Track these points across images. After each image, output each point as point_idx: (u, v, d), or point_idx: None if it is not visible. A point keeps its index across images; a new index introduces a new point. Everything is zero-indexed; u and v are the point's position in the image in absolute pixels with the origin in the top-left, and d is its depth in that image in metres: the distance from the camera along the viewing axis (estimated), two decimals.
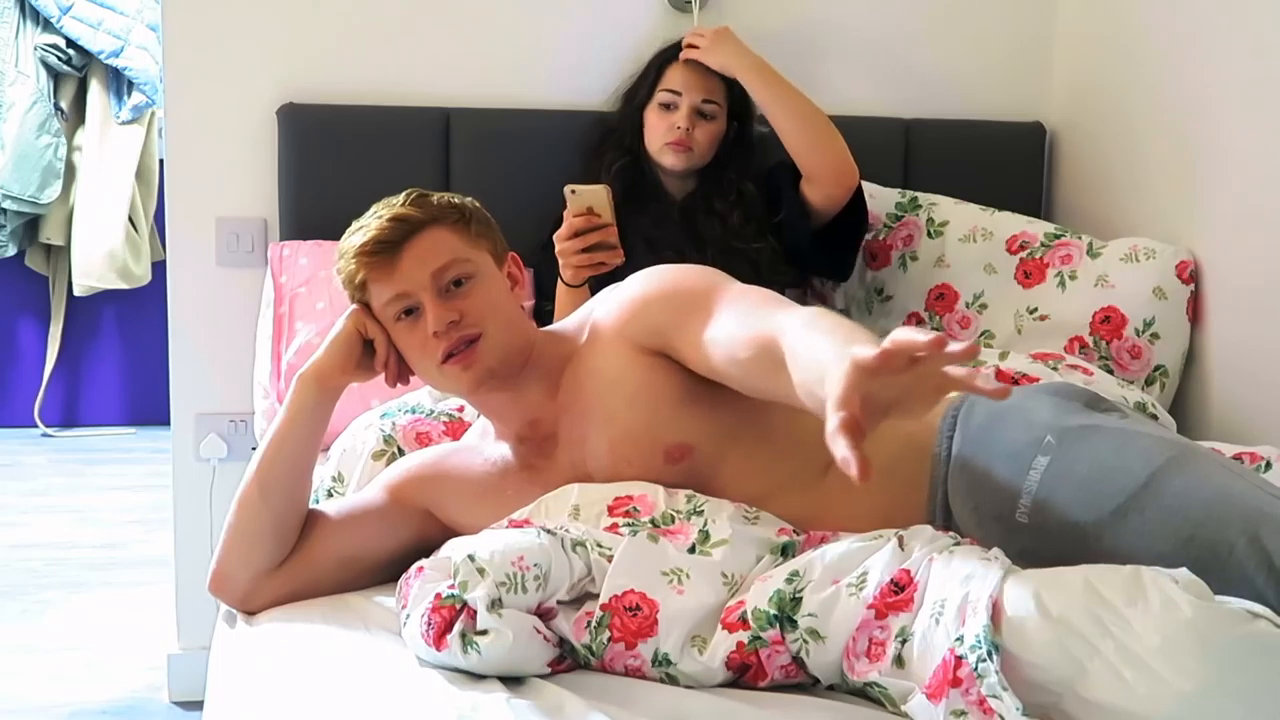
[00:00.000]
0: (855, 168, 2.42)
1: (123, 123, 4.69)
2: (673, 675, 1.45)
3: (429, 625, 1.44)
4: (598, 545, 1.52)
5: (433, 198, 1.72)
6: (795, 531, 1.60)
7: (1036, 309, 2.53)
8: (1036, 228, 2.63)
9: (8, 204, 4.57)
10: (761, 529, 1.58)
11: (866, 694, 1.41)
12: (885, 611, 1.39)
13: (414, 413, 2.04)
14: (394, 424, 2.02)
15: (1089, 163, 2.84)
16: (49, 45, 4.58)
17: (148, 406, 4.87)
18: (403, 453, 1.97)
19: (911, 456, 1.65)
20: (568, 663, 1.49)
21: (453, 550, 1.52)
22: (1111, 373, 2.42)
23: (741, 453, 1.67)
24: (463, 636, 1.42)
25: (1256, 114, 2.35)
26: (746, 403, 1.64)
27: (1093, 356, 2.44)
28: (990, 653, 1.26)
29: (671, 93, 2.47)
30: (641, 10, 2.75)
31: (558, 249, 2.11)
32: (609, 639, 1.46)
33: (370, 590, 1.71)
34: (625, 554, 1.51)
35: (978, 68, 2.91)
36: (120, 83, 4.67)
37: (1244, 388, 2.39)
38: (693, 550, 1.53)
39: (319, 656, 1.54)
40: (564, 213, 2.12)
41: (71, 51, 4.60)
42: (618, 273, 2.11)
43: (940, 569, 1.39)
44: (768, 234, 2.48)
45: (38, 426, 4.92)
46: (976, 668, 1.26)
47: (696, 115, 2.45)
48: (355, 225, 1.71)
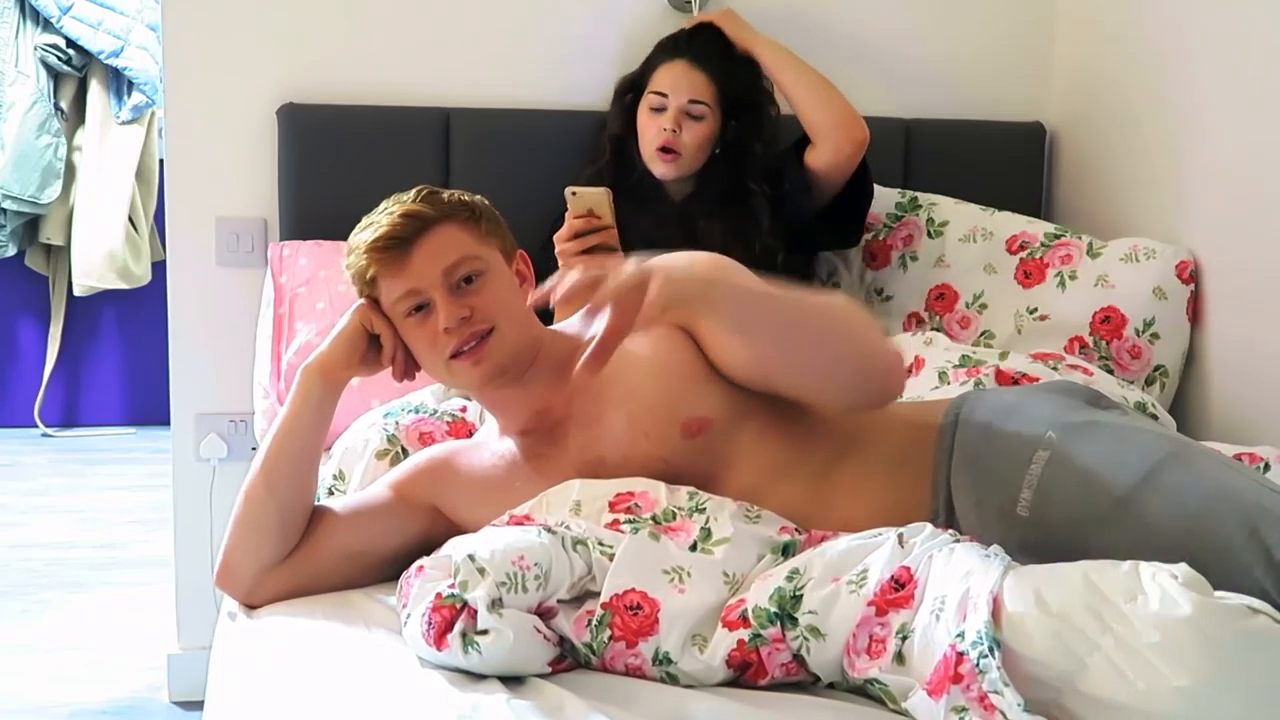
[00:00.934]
0: (864, 122, 2.47)
1: (123, 123, 4.69)
2: (673, 674, 1.45)
3: (429, 625, 1.44)
4: (599, 544, 1.52)
5: (443, 195, 1.72)
6: (796, 530, 1.60)
7: (1036, 309, 2.53)
8: (1036, 228, 2.63)
9: (8, 204, 4.57)
10: (763, 527, 1.58)
11: (867, 691, 1.41)
12: (886, 608, 1.39)
13: (417, 412, 2.04)
14: (397, 423, 2.02)
15: (1089, 162, 2.84)
16: (49, 45, 4.58)
17: (148, 406, 4.87)
18: (406, 452, 1.96)
19: (916, 450, 1.66)
20: (568, 662, 1.49)
21: (453, 549, 1.51)
22: (1111, 373, 2.42)
23: (754, 430, 1.69)
24: (463, 636, 1.42)
25: (1257, 114, 2.35)
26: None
27: (1093, 357, 2.44)
28: (991, 649, 1.26)
29: (659, 94, 2.47)
30: (641, 10, 2.76)
31: (558, 250, 2.11)
32: (610, 638, 1.46)
33: (372, 588, 1.71)
34: (626, 552, 1.51)
35: (978, 68, 2.91)
36: (120, 83, 4.67)
37: (1244, 388, 2.39)
38: (694, 548, 1.53)
39: (319, 656, 1.54)
40: (565, 214, 2.13)
41: (71, 51, 4.60)
42: None
43: (940, 566, 1.39)
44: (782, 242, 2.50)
45: (38, 426, 4.92)
46: (978, 664, 1.26)
47: (684, 116, 2.44)
48: (366, 220, 1.72)
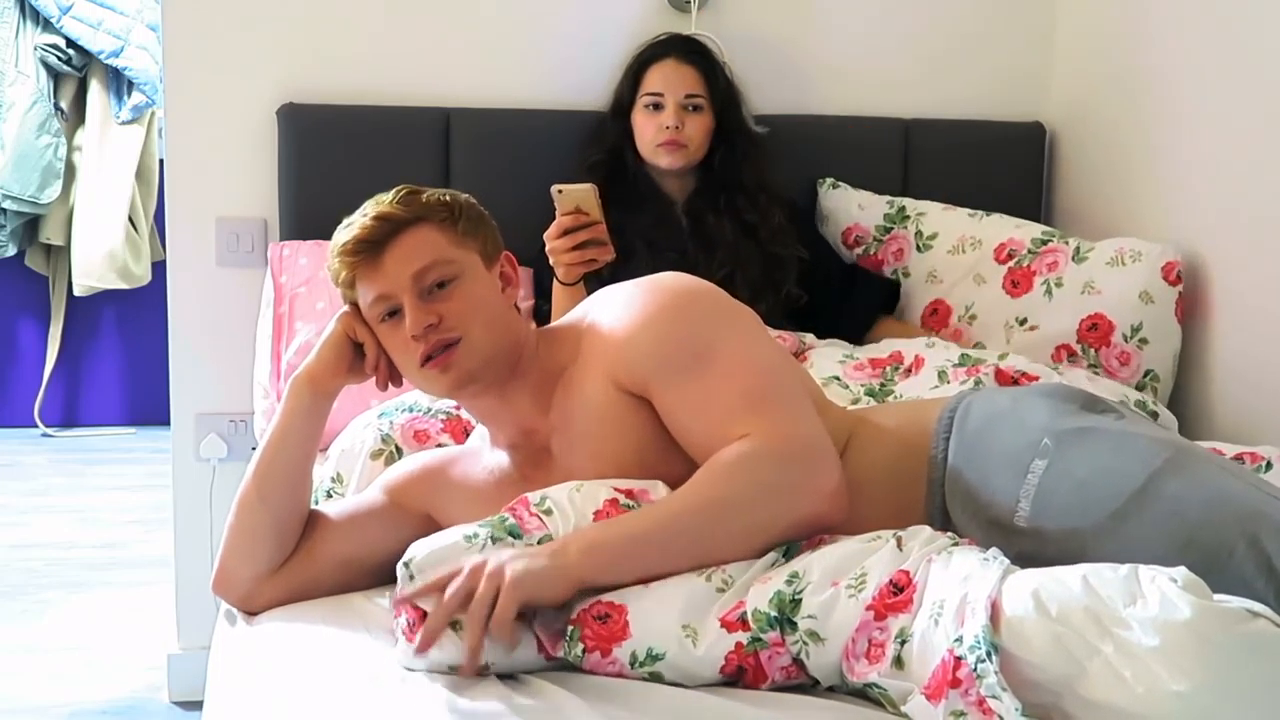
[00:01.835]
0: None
1: (123, 123, 4.69)
2: (657, 674, 1.43)
3: (410, 625, 1.45)
4: None
5: (422, 195, 1.69)
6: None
7: (1026, 319, 2.50)
8: (1024, 232, 2.59)
9: (8, 204, 4.56)
10: None
11: (866, 694, 1.41)
12: (884, 613, 1.38)
13: (411, 411, 2.03)
14: (392, 423, 2.01)
15: (1089, 163, 2.83)
16: (49, 45, 4.57)
17: (148, 406, 4.87)
18: (400, 451, 1.96)
19: (909, 460, 1.64)
20: (560, 644, 1.47)
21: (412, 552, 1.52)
22: None
23: None
24: (452, 623, 1.43)
25: (1257, 113, 2.35)
26: None
27: (1082, 364, 2.41)
28: (989, 653, 1.26)
29: (654, 95, 2.49)
30: (642, 10, 2.76)
31: (548, 248, 2.11)
32: (584, 650, 1.45)
33: (371, 591, 1.71)
34: None
35: (978, 68, 2.91)
36: (120, 83, 4.66)
37: (1247, 387, 2.39)
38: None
39: (319, 657, 1.54)
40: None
41: (71, 51, 4.60)
42: (613, 271, 2.11)
43: (939, 570, 1.39)
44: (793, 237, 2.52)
45: (38, 426, 4.91)
46: (975, 668, 1.26)
47: (683, 111, 2.48)
48: (345, 222, 1.70)
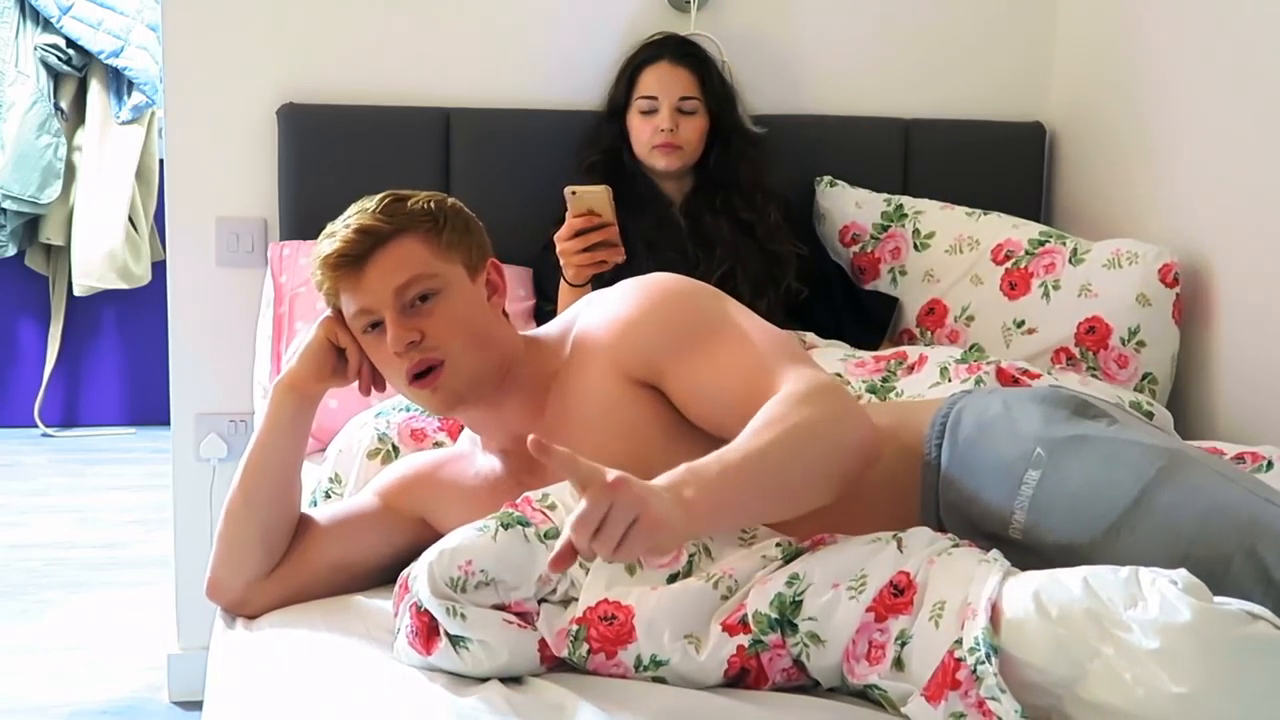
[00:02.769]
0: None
1: (123, 123, 4.68)
2: (660, 678, 1.44)
3: (414, 631, 1.45)
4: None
5: (407, 203, 1.65)
6: (791, 544, 1.56)
7: (1024, 322, 2.49)
8: (1021, 232, 2.57)
9: (8, 204, 4.56)
10: (760, 544, 1.55)
11: (867, 696, 1.41)
12: (885, 614, 1.38)
13: (408, 410, 2.03)
14: (388, 422, 2.01)
15: (1089, 163, 2.83)
16: (49, 45, 4.57)
17: (148, 406, 4.87)
18: (398, 450, 1.96)
19: (904, 464, 1.62)
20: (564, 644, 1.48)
21: (426, 556, 1.50)
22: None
23: None
24: (451, 637, 1.43)
25: (1257, 113, 2.35)
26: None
27: (1080, 368, 2.41)
28: (989, 655, 1.26)
29: (649, 99, 2.51)
30: (642, 10, 2.75)
31: (559, 249, 2.11)
32: (589, 650, 1.45)
33: (370, 591, 1.71)
34: (598, 574, 1.48)
35: (978, 68, 2.91)
36: (120, 83, 4.66)
37: (1247, 387, 2.39)
38: (674, 579, 1.48)
39: (319, 657, 1.54)
40: (566, 213, 2.13)
41: (71, 51, 4.59)
42: (620, 271, 2.11)
43: (939, 571, 1.39)
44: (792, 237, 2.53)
45: (38, 426, 4.91)
46: (975, 670, 1.26)
47: (678, 113, 2.49)
48: (327, 229, 1.66)
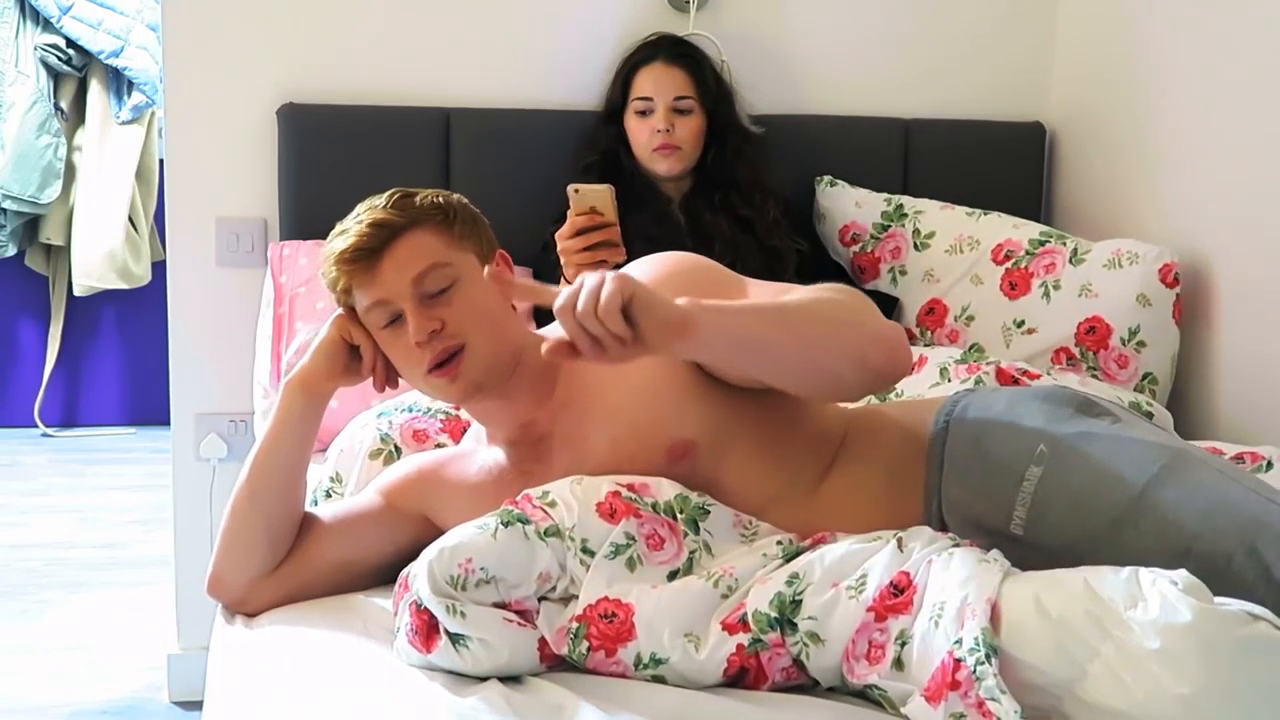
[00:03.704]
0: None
1: (123, 123, 4.69)
2: (660, 676, 1.44)
3: (414, 630, 1.45)
4: (582, 549, 1.50)
5: (416, 198, 1.67)
6: (791, 542, 1.57)
7: (1024, 322, 2.49)
8: (1022, 233, 2.58)
9: (8, 204, 4.56)
10: (761, 542, 1.56)
11: (867, 696, 1.41)
12: (884, 614, 1.38)
13: (410, 411, 2.03)
14: (390, 422, 2.01)
15: (1089, 163, 2.83)
16: (49, 45, 4.57)
17: (148, 406, 4.87)
18: (399, 451, 1.95)
19: (906, 464, 1.63)
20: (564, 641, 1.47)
21: (426, 554, 1.50)
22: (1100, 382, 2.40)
23: (741, 454, 1.64)
24: (450, 635, 1.42)
25: (1257, 113, 2.35)
26: (746, 403, 1.63)
27: (1080, 368, 2.41)
28: (989, 655, 1.26)
29: (644, 99, 2.53)
30: (641, 10, 2.75)
31: (560, 247, 2.11)
32: (589, 648, 1.45)
33: (371, 590, 1.71)
34: (598, 571, 1.48)
35: (978, 68, 2.91)
36: (120, 83, 4.66)
37: (1248, 387, 2.39)
38: (674, 576, 1.49)
39: (319, 657, 1.53)
40: (567, 211, 2.13)
41: (71, 51, 4.59)
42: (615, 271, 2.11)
43: (939, 571, 1.38)
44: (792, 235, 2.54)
45: (38, 426, 4.91)
46: (975, 670, 1.26)
47: (674, 113, 2.51)
48: (338, 228, 1.68)
